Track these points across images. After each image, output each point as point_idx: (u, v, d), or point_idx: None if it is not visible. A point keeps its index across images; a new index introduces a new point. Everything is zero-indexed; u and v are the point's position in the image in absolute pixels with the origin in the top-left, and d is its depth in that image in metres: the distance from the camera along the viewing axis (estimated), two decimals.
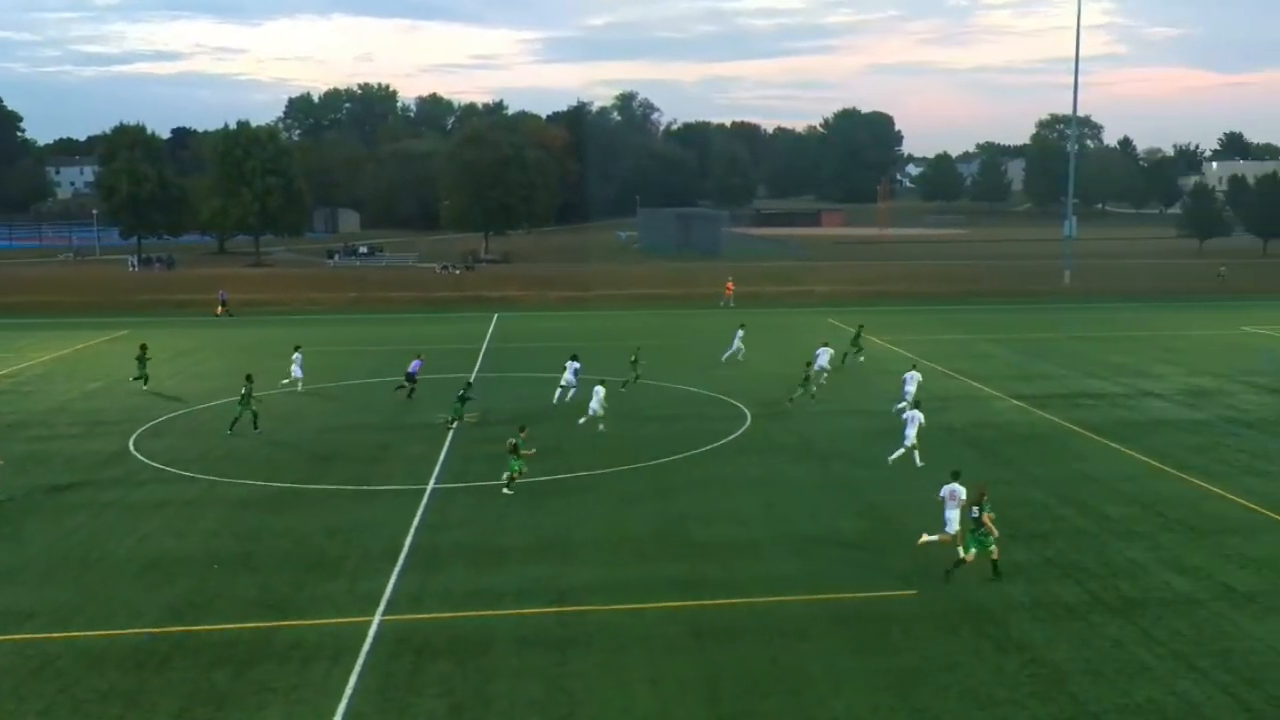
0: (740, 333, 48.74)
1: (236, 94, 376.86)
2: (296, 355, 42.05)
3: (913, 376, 36.78)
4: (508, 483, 27.43)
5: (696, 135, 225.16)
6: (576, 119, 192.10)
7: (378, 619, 19.68)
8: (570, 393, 38.15)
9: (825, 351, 42.44)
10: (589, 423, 34.25)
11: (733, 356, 47.82)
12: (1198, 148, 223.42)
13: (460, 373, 44.15)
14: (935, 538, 22.35)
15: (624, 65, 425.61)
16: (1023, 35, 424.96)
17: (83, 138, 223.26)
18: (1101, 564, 22.39)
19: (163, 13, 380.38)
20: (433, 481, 28.82)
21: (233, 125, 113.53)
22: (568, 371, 38.49)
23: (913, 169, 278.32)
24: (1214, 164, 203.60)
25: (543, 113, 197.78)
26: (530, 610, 20.06)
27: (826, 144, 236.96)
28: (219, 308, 68.52)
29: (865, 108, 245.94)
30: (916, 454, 29.73)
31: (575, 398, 37.73)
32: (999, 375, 44.85)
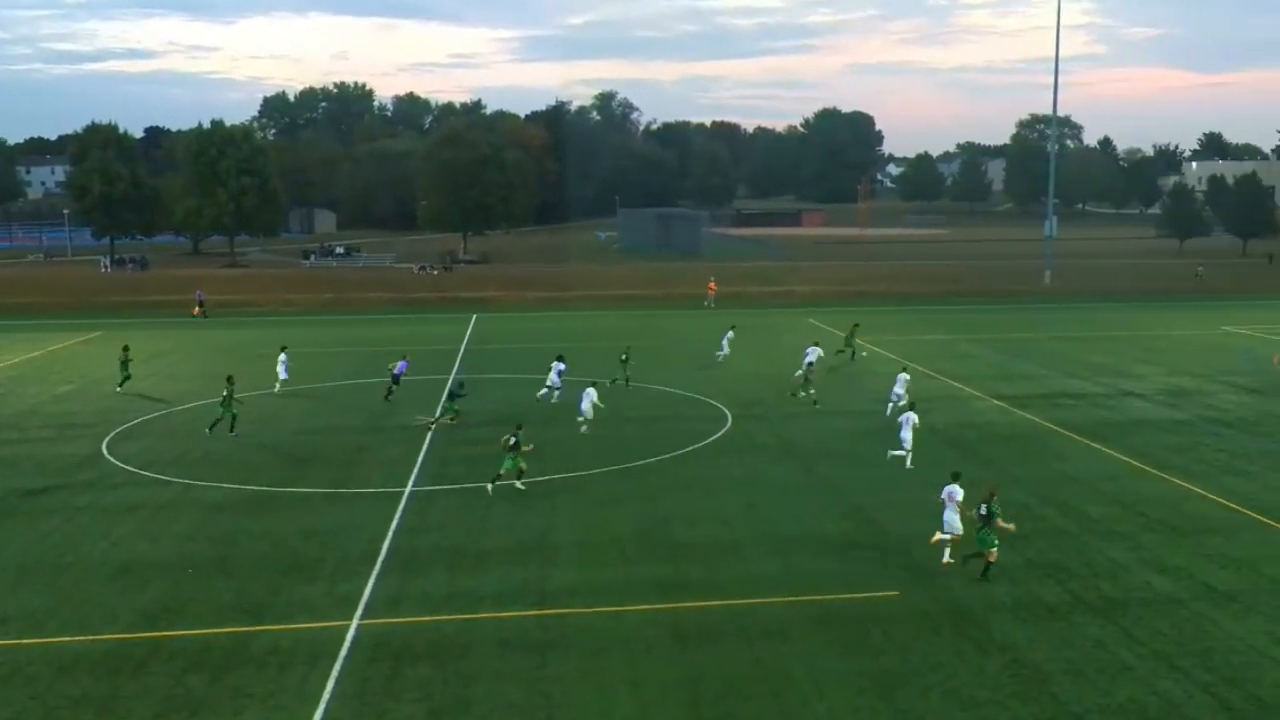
0: (730, 333, 48.77)
1: (211, 93, 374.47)
2: (282, 356, 41.82)
3: (902, 378, 36.93)
4: (493, 480, 27.31)
5: (676, 135, 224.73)
6: (555, 118, 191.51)
7: (356, 623, 19.50)
8: (555, 394, 37.96)
9: (815, 350, 42.61)
10: (584, 423, 34.16)
11: (719, 356, 47.80)
12: (1177, 148, 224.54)
13: (440, 374, 43.94)
14: (948, 537, 22.37)
15: (603, 64, 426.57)
16: (1003, 35, 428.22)
17: (54, 137, 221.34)
18: (1083, 564, 22.44)
19: (135, 10, 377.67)
20: (411, 484, 28.61)
21: (207, 124, 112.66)
22: (552, 373, 38.33)
23: (893, 169, 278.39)
24: (1193, 164, 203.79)
25: (521, 112, 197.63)
26: (510, 613, 19.92)
27: (807, 144, 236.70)
28: (196, 308, 67.94)
29: (846, 107, 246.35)
30: (897, 454, 29.85)
31: (560, 399, 37.58)
32: (980, 375, 44.97)
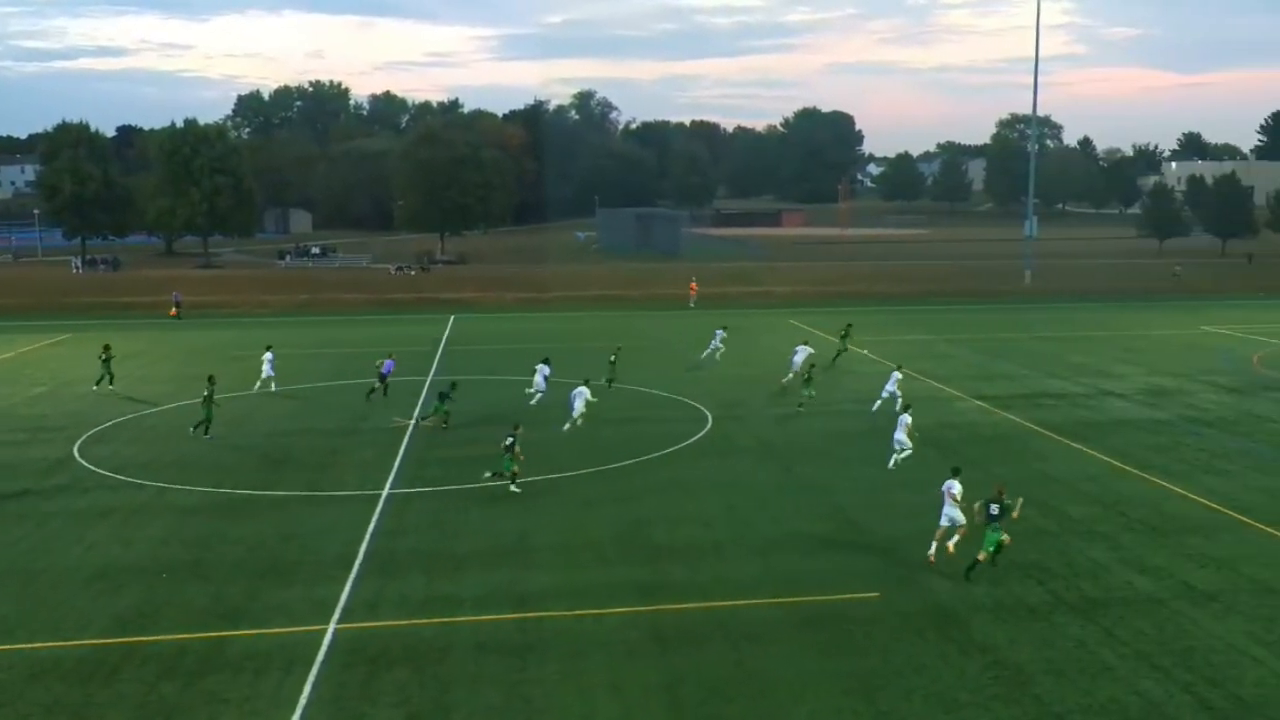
0: (720, 333, 48.74)
1: (183, 91, 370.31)
2: (268, 355, 41.58)
3: (895, 377, 37.09)
4: (504, 479, 27.26)
5: (655, 134, 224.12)
6: (534, 118, 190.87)
7: (332, 627, 19.32)
8: (537, 396, 37.85)
9: (804, 349, 42.75)
10: (573, 425, 34.08)
11: (710, 356, 47.86)
12: (1157, 148, 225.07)
13: (418, 375, 43.67)
14: (956, 537, 22.36)
15: (582, 63, 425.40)
16: (983, 35, 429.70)
17: (23, 135, 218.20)
18: (1064, 564, 22.46)
19: (106, 7, 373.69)
20: (388, 486, 28.38)
21: (180, 123, 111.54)
22: (537, 375, 38.20)
23: (873, 169, 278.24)
24: (1173, 164, 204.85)
25: (499, 111, 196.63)
26: (489, 617, 19.78)
27: (787, 143, 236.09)
28: (172, 309, 67.31)
29: (826, 107, 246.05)
30: (896, 456, 29.86)
31: (542, 401, 37.50)
32: (960, 376, 45.03)
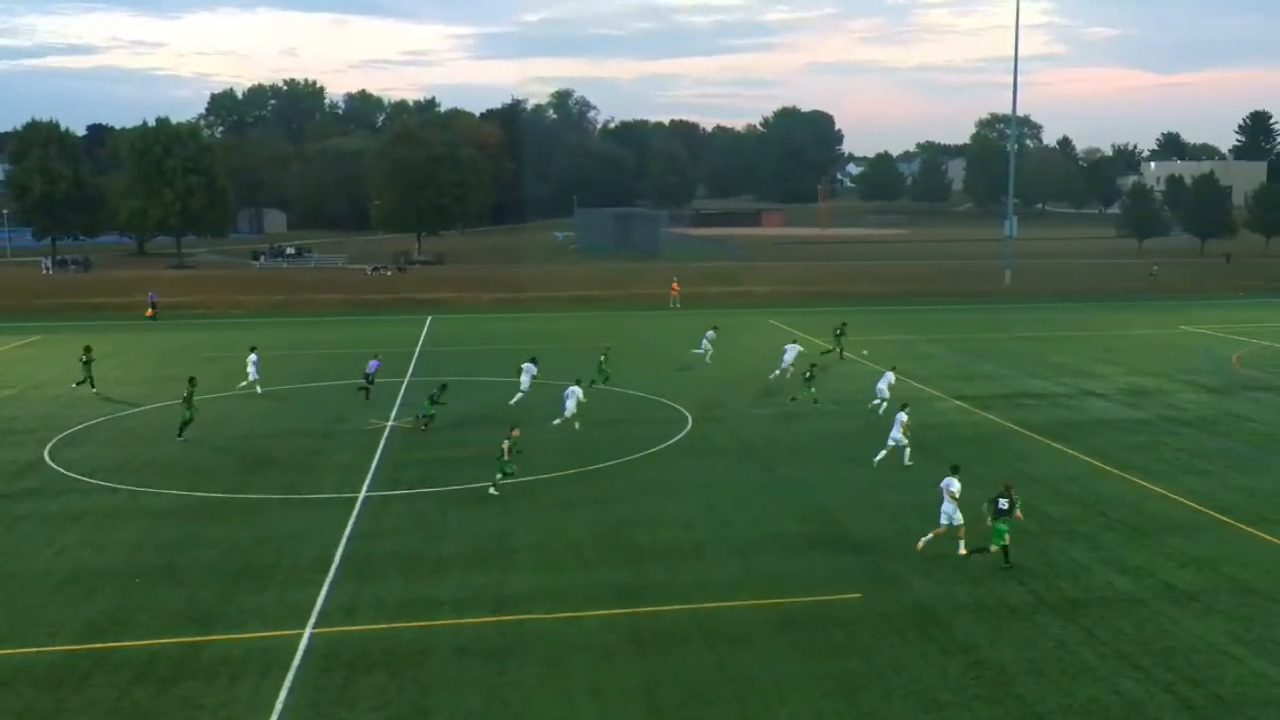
0: (710, 334, 48.71)
1: (155, 90, 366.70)
2: (252, 356, 41.35)
3: (888, 376, 37.24)
4: (495, 484, 27.41)
5: (634, 134, 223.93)
6: (511, 117, 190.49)
7: (309, 631, 19.14)
8: (518, 396, 37.80)
9: (793, 349, 42.90)
10: (564, 424, 34.11)
11: (700, 356, 47.87)
12: (1136, 148, 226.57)
13: (394, 377, 43.38)
14: (961, 538, 22.62)
15: (560, 62, 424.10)
16: (962, 34, 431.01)
17: None
18: (1044, 564, 22.48)
19: (76, 4, 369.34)
20: (365, 489, 28.15)
21: (152, 122, 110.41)
22: (524, 375, 38.16)
23: (853, 168, 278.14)
24: (1152, 164, 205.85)
25: (476, 110, 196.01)
26: (468, 620, 19.65)
27: (766, 143, 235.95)
28: (148, 310, 66.63)
29: (805, 106, 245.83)
30: (882, 453, 29.97)
31: (523, 402, 37.45)
32: (941, 376, 45.07)
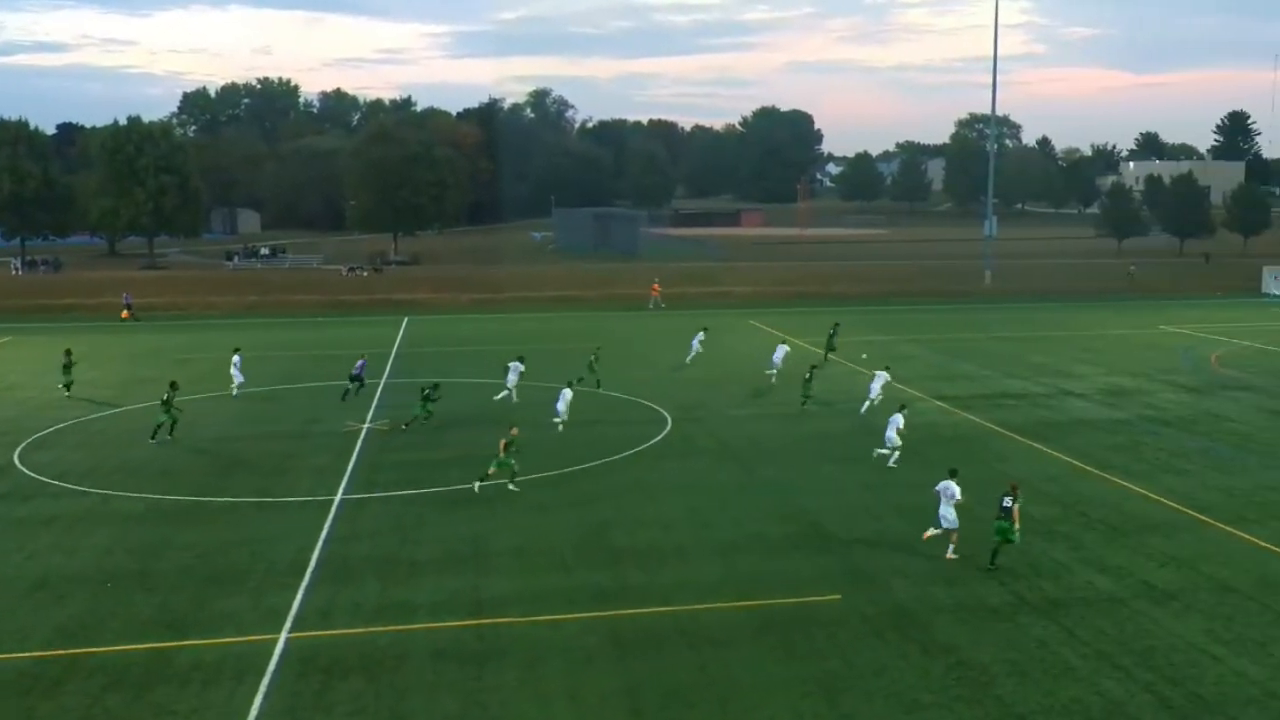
0: (701, 335, 48.68)
1: (127, 88, 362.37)
2: (236, 358, 41.10)
3: (880, 376, 37.20)
4: (510, 479, 27.49)
5: (612, 133, 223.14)
6: (488, 116, 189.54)
7: (284, 636, 18.93)
8: (501, 394, 37.80)
9: (782, 349, 42.98)
10: (558, 424, 34.12)
11: (695, 357, 47.84)
12: (1115, 148, 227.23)
13: (371, 379, 42.93)
14: (938, 532, 22.78)
15: (537, 61, 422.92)
16: (941, 34, 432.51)
17: None
18: (1025, 564, 22.45)
19: (45, 1, 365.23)
20: (341, 491, 27.87)
21: (123, 120, 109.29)
22: (511, 373, 38.17)
23: (833, 168, 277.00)
24: (1130, 164, 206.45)
25: (453, 109, 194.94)
26: (445, 623, 19.48)
27: (745, 143, 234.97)
28: (124, 311, 65.87)
29: (784, 106, 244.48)
30: (881, 451, 30.09)
31: (508, 401, 37.35)
32: (921, 376, 45.02)
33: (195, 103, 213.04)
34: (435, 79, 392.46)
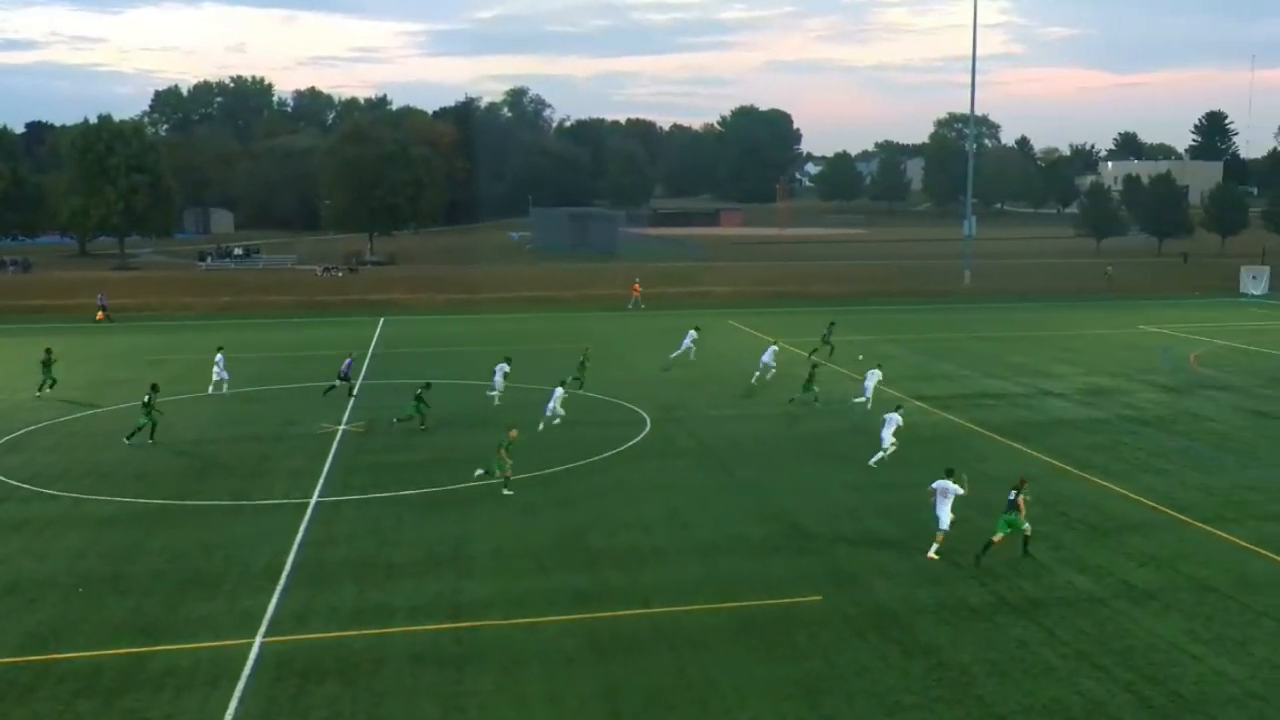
0: (692, 334, 48.56)
1: (97, 86, 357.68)
2: (219, 357, 40.83)
3: (873, 375, 37.14)
4: (504, 483, 27.25)
5: (590, 133, 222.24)
6: (464, 115, 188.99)
7: (259, 641, 18.70)
8: (492, 393, 37.83)
9: (772, 349, 43.06)
10: (547, 423, 33.98)
11: (683, 356, 47.74)
12: (1093, 148, 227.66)
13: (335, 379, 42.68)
14: (938, 542, 22.73)
15: (514, 60, 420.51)
16: (920, 33, 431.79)
17: None
18: (1005, 564, 22.40)
19: None
20: (316, 494, 27.60)
21: (94, 119, 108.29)
22: (496, 374, 38.17)
23: (812, 168, 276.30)
24: (1109, 164, 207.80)
25: (429, 108, 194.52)
26: (423, 627, 19.30)
27: (724, 142, 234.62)
28: (99, 313, 65.10)
29: (763, 105, 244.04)
30: (883, 455, 30.01)
31: (495, 402, 37.24)
32: (901, 376, 44.72)
33: (167, 101, 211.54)
34: (411, 78, 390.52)
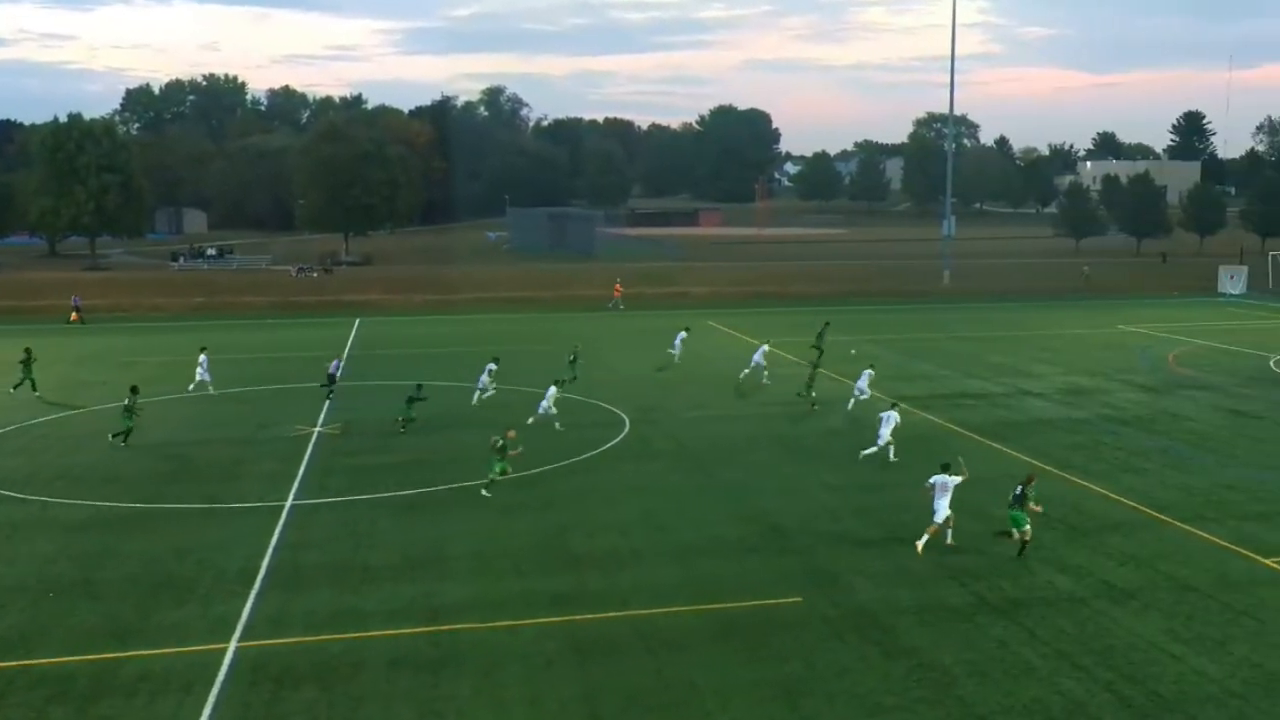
0: (683, 334, 48.47)
1: (67, 84, 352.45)
2: (202, 358, 40.47)
3: (867, 374, 37.30)
4: (487, 484, 27.02)
5: (568, 132, 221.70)
6: (441, 114, 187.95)
7: (234, 646, 18.46)
8: (478, 394, 37.84)
9: (762, 349, 43.28)
10: (537, 421, 33.94)
11: (672, 358, 47.60)
12: (1072, 147, 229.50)
13: (318, 382, 42.29)
14: (928, 534, 22.85)
15: (491, 58, 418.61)
16: (898, 33, 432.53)
17: None
18: (985, 565, 22.42)
19: None
20: (291, 497, 27.32)
21: (63, 118, 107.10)
22: (484, 374, 38.22)
23: (790, 168, 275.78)
24: (1088, 164, 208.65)
25: (405, 107, 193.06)
26: (400, 631, 19.11)
27: (703, 142, 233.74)
28: (73, 314, 64.30)
29: (742, 104, 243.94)
30: (890, 449, 30.12)
31: (484, 402, 37.20)
32: (880, 377, 44.01)
33: (139, 100, 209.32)
34: (387, 76, 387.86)
